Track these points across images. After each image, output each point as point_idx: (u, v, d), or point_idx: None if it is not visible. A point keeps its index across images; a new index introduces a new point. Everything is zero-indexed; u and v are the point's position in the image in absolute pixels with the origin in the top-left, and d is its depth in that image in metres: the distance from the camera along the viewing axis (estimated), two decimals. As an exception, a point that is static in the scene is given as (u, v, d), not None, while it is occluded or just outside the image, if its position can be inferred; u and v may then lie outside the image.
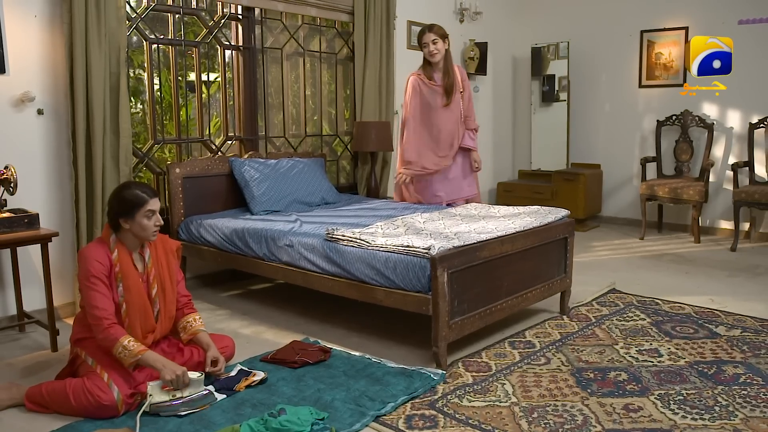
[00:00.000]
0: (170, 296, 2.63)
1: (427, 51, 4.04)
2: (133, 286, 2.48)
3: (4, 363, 2.89)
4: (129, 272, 2.48)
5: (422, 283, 2.65)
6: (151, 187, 2.62)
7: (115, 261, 2.45)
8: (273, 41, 4.61)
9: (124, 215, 2.46)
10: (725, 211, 5.54)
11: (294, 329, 3.30)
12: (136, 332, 2.48)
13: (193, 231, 3.73)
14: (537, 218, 3.31)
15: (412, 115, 4.13)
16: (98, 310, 2.36)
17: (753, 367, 2.73)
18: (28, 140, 3.31)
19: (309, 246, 3.10)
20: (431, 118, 4.12)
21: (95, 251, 2.44)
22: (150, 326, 2.55)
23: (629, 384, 2.57)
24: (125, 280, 2.46)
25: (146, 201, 2.47)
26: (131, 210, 2.45)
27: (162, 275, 2.60)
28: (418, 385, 2.54)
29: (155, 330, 2.57)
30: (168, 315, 2.62)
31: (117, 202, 2.48)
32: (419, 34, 4.12)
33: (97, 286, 2.39)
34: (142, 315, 2.51)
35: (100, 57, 3.37)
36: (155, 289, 2.57)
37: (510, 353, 2.92)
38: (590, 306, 3.62)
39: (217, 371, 2.58)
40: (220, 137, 4.46)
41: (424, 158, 4.11)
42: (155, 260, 2.59)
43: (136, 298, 2.48)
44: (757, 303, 3.66)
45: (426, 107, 4.11)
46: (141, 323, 2.51)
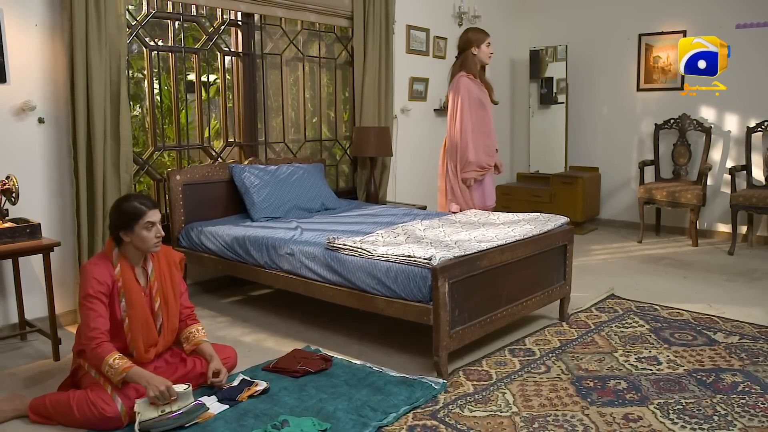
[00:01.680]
0: (173, 309, 2.63)
1: (488, 51, 4.16)
2: (135, 302, 2.48)
3: (7, 373, 2.90)
4: (131, 287, 2.49)
5: (423, 293, 2.66)
6: (150, 198, 2.62)
7: (117, 276, 2.46)
8: (272, 47, 4.62)
9: (124, 228, 2.46)
10: (723, 214, 5.57)
11: (295, 337, 3.32)
12: (138, 346, 2.50)
13: (194, 238, 3.74)
14: (537, 226, 3.33)
15: (468, 114, 4.12)
16: (90, 330, 2.37)
17: (751, 375, 2.75)
18: (29, 149, 3.31)
19: (310, 255, 3.12)
20: (484, 117, 4.19)
21: (96, 269, 2.44)
22: (153, 340, 2.56)
23: (629, 393, 2.59)
24: (128, 295, 2.47)
25: (144, 213, 2.47)
26: (130, 222, 2.46)
27: (165, 288, 2.61)
28: (419, 394, 2.56)
29: (158, 343, 2.58)
30: (171, 328, 2.63)
31: (116, 215, 2.49)
32: (478, 36, 4.15)
33: (94, 305, 2.39)
34: (145, 329, 2.52)
35: (100, 65, 3.37)
36: (158, 302, 2.57)
37: (510, 361, 2.94)
38: (589, 312, 3.64)
39: (219, 383, 2.59)
40: (219, 140, 4.47)
41: (481, 157, 4.15)
42: (158, 273, 2.60)
43: (139, 313, 2.49)
44: (755, 308, 3.68)
45: (480, 106, 4.16)
46: (144, 337, 2.52)
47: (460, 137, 4.11)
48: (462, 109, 4.10)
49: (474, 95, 4.13)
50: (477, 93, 4.14)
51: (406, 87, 5.46)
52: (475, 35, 4.18)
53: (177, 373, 2.61)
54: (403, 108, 5.46)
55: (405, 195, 5.46)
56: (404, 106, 5.47)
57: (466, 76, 4.14)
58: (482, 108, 4.17)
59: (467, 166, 4.12)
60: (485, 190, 4.27)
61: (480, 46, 4.14)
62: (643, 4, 5.88)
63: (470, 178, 4.15)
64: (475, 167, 4.13)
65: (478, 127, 4.14)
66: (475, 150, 4.11)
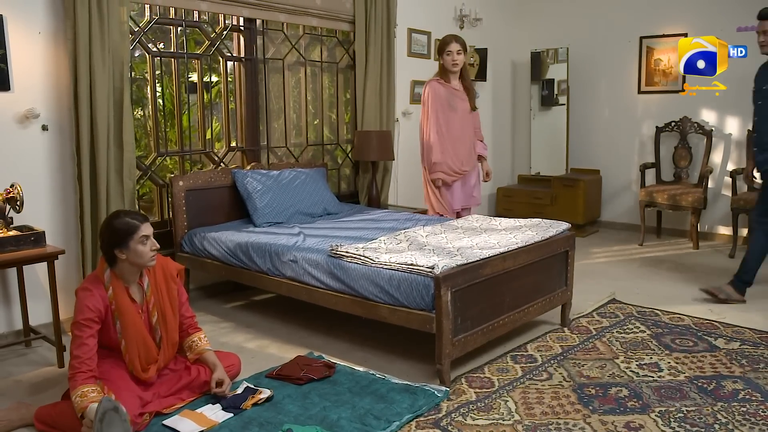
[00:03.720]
0: (171, 323, 2.63)
1: (450, 59, 4.15)
2: (130, 324, 2.48)
3: (12, 380, 2.92)
4: (126, 309, 2.48)
5: (426, 301, 2.68)
6: (140, 212, 2.62)
7: (110, 299, 2.45)
8: (274, 51, 4.63)
9: (119, 245, 2.44)
10: (724, 217, 5.58)
11: (298, 342, 3.34)
12: (136, 366, 2.50)
13: (197, 244, 3.75)
14: (538, 232, 3.34)
15: (433, 118, 4.18)
16: (73, 357, 2.35)
17: (752, 382, 2.77)
18: (32, 156, 3.33)
19: (313, 262, 3.13)
20: (452, 121, 4.21)
21: (88, 295, 2.41)
22: (152, 357, 2.56)
23: (630, 400, 2.61)
24: (122, 317, 2.46)
25: (138, 227, 2.45)
26: (125, 239, 2.43)
27: (162, 302, 2.61)
28: (422, 402, 2.58)
29: (158, 360, 2.59)
30: (171, 342, 2.64)
31: (109, 233, 2.45)
32: (443, 42, 4.19)
33: (82, 333, 2.37)
34: (143, 348, 2.52)
35: (103, 72, 3.39)
36: (155, 317, 2.58)
37: (512, 368, 2.96)
38: (591, 317, 3.66)
39: (222, 392, 2.61)
40: (220, 141, 4.48)
41: (448, 159, 4.20)
42: (154, 288, 2.59)
43: (135, 334, 2.49)
44: (755, 314, 3.70)
45: (448, 109, 4.20)
46: (142, 356, 2.52)
47: (426, 139, 4.22)
48: (428, 112, 4.21)
49: (441, 99, 4.19)
50: (444, 97, 4.19)
51: (407, 90, 5.47)
52: (441, 43, 4.24)
53: (181, 381, 2.64)
54: (405, 111, 5.47)
55: (406, 198, 5.48)
56: (406, 110, 5.48)
57: (435, 81, 4.24)
58: (451, 111, 4.20)
59: (433, 167, 4.21)
60: (454, 194, 4.31)
61: (442, 54, 4.19)
62: (644, 6, 5.89)
63: (438, 179, 4.21)
64: (442, 168, 4.19)
65: (444, 130, 4.19)
66: (442, 152, 4.18)
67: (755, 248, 3.89)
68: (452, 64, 4.16)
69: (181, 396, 2.61)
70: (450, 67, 4.18)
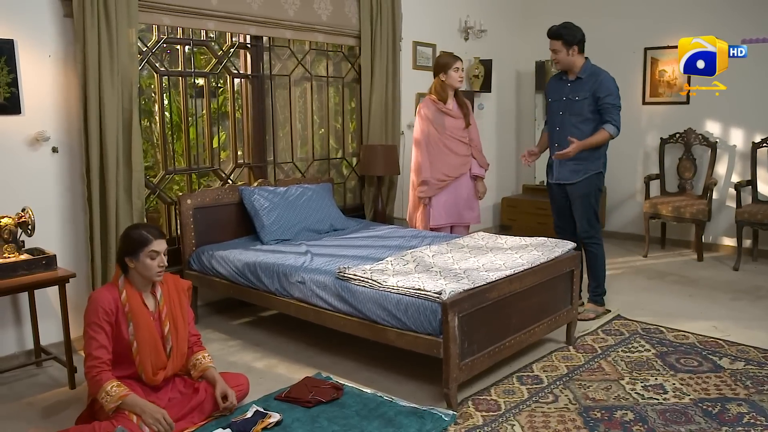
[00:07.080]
0: (182, 333, 2.72)
1: (457, 76, 4.25)
2: (143, 324, 2.57)
3: (25, 402, 2.96)
4: (138, 311, 2.58)
5: (433, 326, 2.71)
6: (158, 228, 2.69)
7: (123, 302, 2.55)
8: (281, 67, 4.66)
9: (129, 254, 2.57)
10: (728, 229, 5.59)
11: (306, 362, 3.37)
12: (147, 369, 2.58)
13: (205, 262, 3.78)
14: (544, 252, 3.37)
15: (426, 135, 4.26)
16: (92, 359, 2.46)
17: (756, 405, 2.79)
18: (43, 178, 3.37)
19: (321, 284, 3.16)
20: (443, 138, 4.27)
21: (102, 296, 2.54)
22: (161, 363, 2.64)
23: (635, 424, 2.63)
24: (135, 318, 2.55)
25: (150, 241, 2.57)
26: (136, 249, 2.56)
27: (174, 313, 2.70)
28: (429, 426, 2.61)
29: (166, 367, 2.66)
30: (180, 352, 2.71)
31: (123, 241, 2.61)
32: (448, 60, 4.27)
33: (97, 334, 2.48)
34: (153, 352, 2.60)
35: (113, 94, 3.42)
36: (167, 326, 2.65)
37: (518, 389, 2.99)
38: (596, 335, 3.68)
39: (229, 405, 2.66)
40: (226, 151, 4.51)
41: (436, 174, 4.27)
42: (167, 298, 2.68)
43: (147, 336, 2.57)
44: (760, 331, 3.72)
45: (439, 126, 4.26)
46: (152, 360, 2.60)
47: (417, 157, 4.29)
48: (420, 130, 4.29)
49: (433, 117, 4.26)
50: (435, 114, 4.27)
51: (412, 103, 5.49)
52: (444, 61, 4.31)
53: (191, 402, 2.67)
54: (410, 124, 5.48)
55: (412, 210, 5.49)
56: (411, 122, 5.48)
57: (429, 99, 4.32)
58: (441, 128, 4.27)
59: (422, 185, 4.28)
60: (433, 211, 4.35)
61: (448, 72, 4.25)
62: (648, 18, 5.90)
63: (425, 196, 4.30)
64: (429, 185, 4.25)
65: (434, 148, 4.26)
66: (431, 169, 4.25)
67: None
68: (458, 81, 4.26)
69: (192, 419, 2.65)
70: (456, 84, 4.27)
